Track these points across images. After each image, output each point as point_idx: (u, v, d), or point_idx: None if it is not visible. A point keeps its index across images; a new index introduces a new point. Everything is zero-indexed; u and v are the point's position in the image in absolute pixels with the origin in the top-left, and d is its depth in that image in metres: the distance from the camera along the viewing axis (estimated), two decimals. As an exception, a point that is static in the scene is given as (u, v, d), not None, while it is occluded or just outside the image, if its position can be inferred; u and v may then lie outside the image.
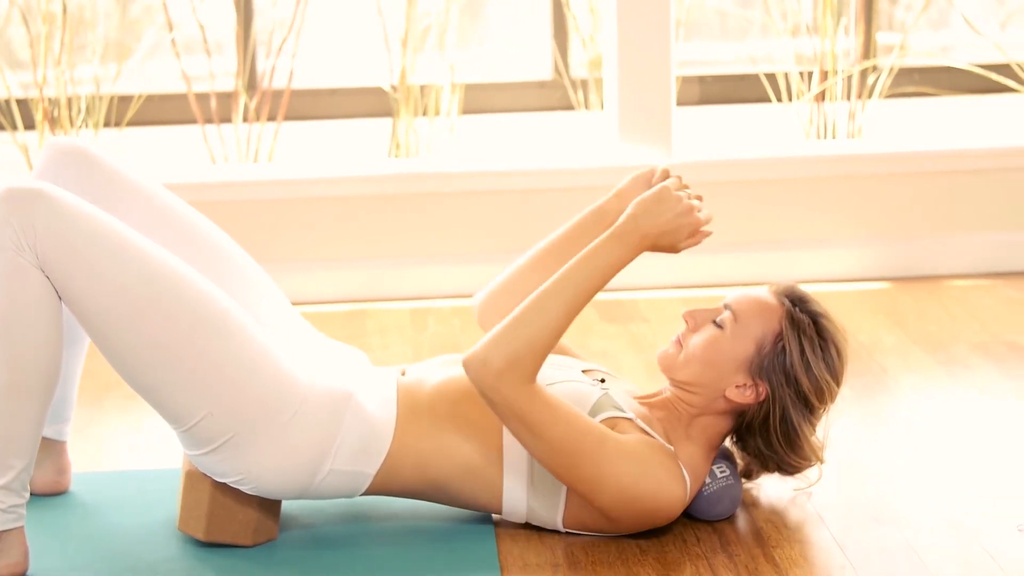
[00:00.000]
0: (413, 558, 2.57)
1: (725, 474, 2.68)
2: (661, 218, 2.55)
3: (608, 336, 3.88)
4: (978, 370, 3.52)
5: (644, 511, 2.53)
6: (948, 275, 4.41)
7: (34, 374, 2.41)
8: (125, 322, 2.41)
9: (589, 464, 2.48)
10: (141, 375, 2.45)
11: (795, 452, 2.64)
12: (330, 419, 2.51)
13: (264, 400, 2.47)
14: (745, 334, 2.60)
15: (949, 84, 4.83)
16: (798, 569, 2.51)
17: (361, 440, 2.53)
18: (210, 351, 2.44)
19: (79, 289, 2.41)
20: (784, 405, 2.59)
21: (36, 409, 2.43)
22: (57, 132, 4.48)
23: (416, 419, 2.57)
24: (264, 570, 2.54)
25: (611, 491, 2.50)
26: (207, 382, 2.44)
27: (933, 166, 4.45)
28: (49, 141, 2.73)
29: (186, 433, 2.50)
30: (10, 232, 2.38)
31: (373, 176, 4.36)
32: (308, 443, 2.50)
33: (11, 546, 2.47)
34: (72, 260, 2.39)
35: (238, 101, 4.55)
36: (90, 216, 2.42)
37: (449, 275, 4.35)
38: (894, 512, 2.72)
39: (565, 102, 4.75)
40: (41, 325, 2.41)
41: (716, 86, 4.78)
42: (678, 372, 2.64)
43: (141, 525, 2.73)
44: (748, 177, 4.41)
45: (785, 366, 2.58)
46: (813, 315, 2.60)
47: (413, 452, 2.56)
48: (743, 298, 2.64)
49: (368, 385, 2.60)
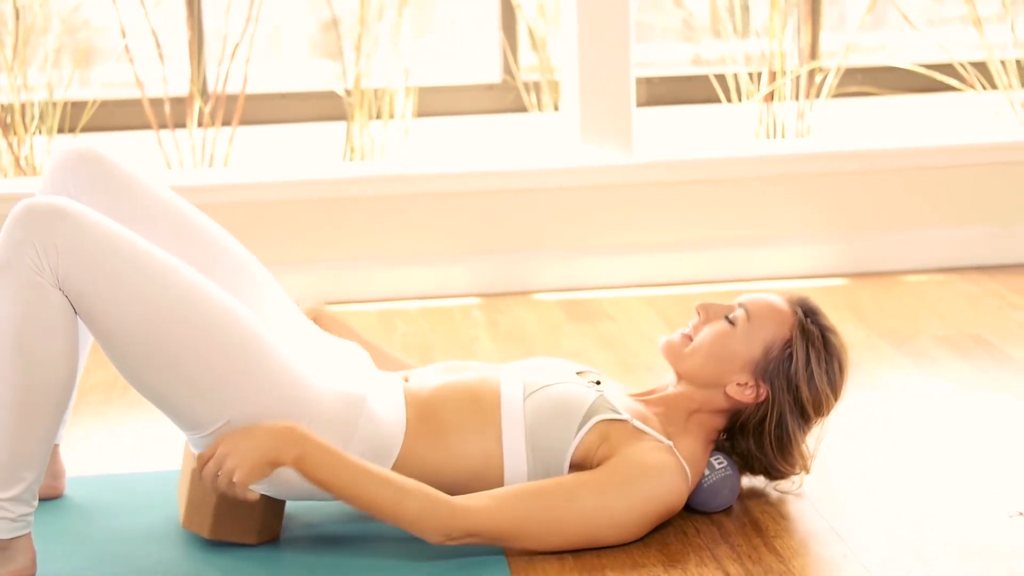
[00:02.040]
0: (418, 553, 2.58)
1: (723, 465, 2.72)
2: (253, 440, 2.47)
3: (577, 335, 3.92)
4: (946, 363, 3.59)
5: (647, 523, 2.58)
6: (902, 271, 4.49)
7: (49, 391, 2.40)
8: (145, 339, 2.40)
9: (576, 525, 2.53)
10: (159, 388, 2.45)
11: (785, 458, 2.70)
12: (344, 422, 2.52)
13: (281, 406, 2.47)
14: (755, 335, 2.65)
15: (892, 84, 4.91)
16: (801, 559, 2.55)
17: (372, 443, 2.55)
18: (229, 363, 2.44)
19: (99, 308, 2.39)
20: (782, 410, 2.65)
21: (49, 424, 2.42)
22: (11, 138, 4.44)
23: (423, 425, 2.59)
24: (268, 570, 2.54)
25: (609, 529, 2.55)
26: (227, 392, 2.44)
27: (886, 164, 4.53)
28: (60, 145, 2.71)
29: (204, 439, 2.50)
30: (31, 252, 2.35)
31: (332, 179, 4.36)
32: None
33: (20, 552, 2.47)
34: (93, 280, 2.38)
35: (192, 106, 4.54)
36: (111, 234, 2.41)
37: (411, 277, 4.37)
38: (887, 502, 2.77)
39: (514, 104, 4.77)
40: (57, 344, 2.39)
41: (663, 87, 4.83)
42: (683, 361, 2.69)
43: (141, 527, 2.73)
44: (708, 176, 4.46)
45: (789, 372, 2.64)
46: (823, 328, 2.67)
47: (420, 458, 2.58)
48: (758, 300, 2.69)
49: (378, 390, 2.62)
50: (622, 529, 2.55)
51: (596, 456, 2.58)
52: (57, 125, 4.52)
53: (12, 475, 2.41)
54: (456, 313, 4.19)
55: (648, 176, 4.44)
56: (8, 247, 2.37)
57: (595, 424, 2.59)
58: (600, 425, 2.59)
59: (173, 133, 4.54)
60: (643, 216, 4.45)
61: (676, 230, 4.47)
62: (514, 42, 4.75)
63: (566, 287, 4.41)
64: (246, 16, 4.54)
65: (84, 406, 3.38)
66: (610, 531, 2.55)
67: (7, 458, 2.40)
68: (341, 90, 4.63)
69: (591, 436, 2.58)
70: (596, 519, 2.53)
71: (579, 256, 4.42)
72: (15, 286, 2.37)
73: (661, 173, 4.43)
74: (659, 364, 3.66)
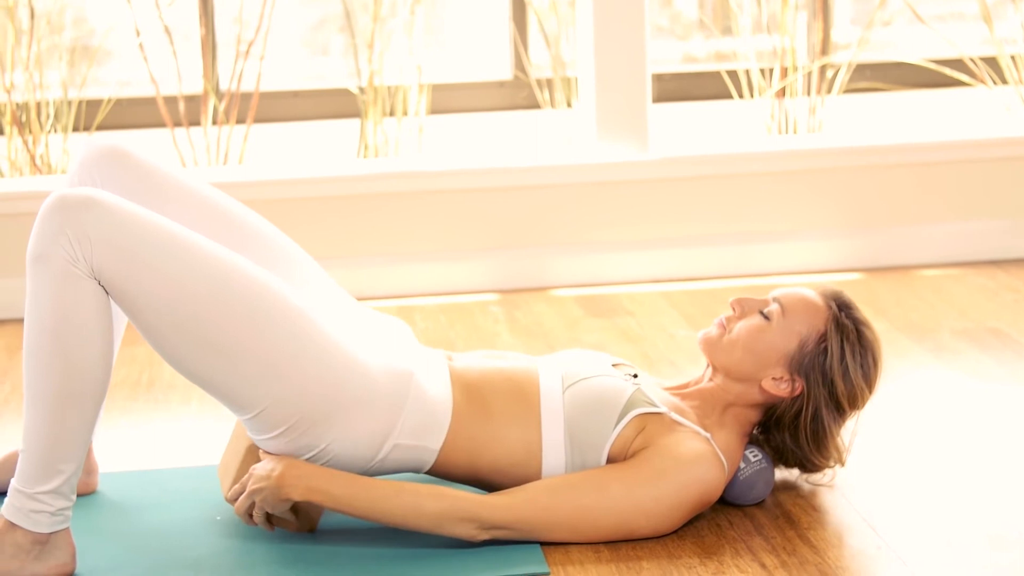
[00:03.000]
0: (456, 544, 2.59)
1: (758, 458, 2.74)
2: (272, 481, 2.52)
3: (597, 330, 3.93)
4: (967, 356, 3.60)
5: (681, 513, 2.59)
6: (917, 265, 4.51)
7: (86, 382, 2.41)
8: (186, 323, 2.41)
9: (607, 516, 2.55)
10: (205, 371, 2.46)
11: (820, 451, 2.72)
12: (394, 397, 2.54)
13: (330, 384, 2.49)
14: (790, 329, 2.67)
15: (901, 79, 4.92)
16: (835, 550, 2.57)
17: (423, 416, 2.57)
18: (273, 341, 2.45)
19: (136, 295, 2.40)
20: (817, 404, 2.67)
21: (87, 415, 2.44)
22: (26, 136, 4.45)
23: (469, 405, 2.61)
24: (305, 561, 2.55)
25: (643, 519, 2.57)
26: (273, 372, 2.46)
27: (898, 159, 4.54)
28: (85, 142, 2.72)
29: (252, 420, 2.51)
30: (64, 242, 2.37)
31: (347, 177, 4.37)
32: (374, 420, 2.53)
33: (59, 547, 2.48)
34: (128, 267, 2.38)
35: (207, 104, 4.55)
36: (143, 219, 2.41)
37: (427, 273, 4.38)
38: (917, 494, 2.79)
39: (526, 101, 4.78)
40: (94, 335, 2.40)
41: (673, 83, 4.84)
42: (720, 355, 2.70)
43: (174, 521, 2.74)
44: (725, 171, 4.48)
45: (824, 367, 2.65)
46: (857, 322, 2.69)
47: (468, 436, 2.60)
48: (792, 294, 2.71)
49: (425, 366, 2.63)
50: (656, 520, 2.57)
51: (632, 448, 2.60)
52: (72, 123, 4.52)
53: (51, 468, 2.42)
54: (474, 309, 4.20)
55: (664, 172, 4.45)
56: (42, 239, 2.38)
57: (633, 418, 2.60)
58: (637, 419, 2.60)
59: (188, 131, 4.54)
60: (659, 212, 4.46)
61: (692, 225, 4.48)
62: (525, 39, 4.76)
63: (582, 283, 4.42)
64: (259, 14, 4.55)
65: (109, 403, 3.38)
66: (643, 522, 2.56)
67: (46, 451, 2.41)
68: (355, 87, 4.64)
69: (628, 430, 2.60)
70: (628, 510, 2.54)
71: (595, 252, 4.43)
72: (50, 278, 2.38)
73: (677, 169, 4.44)
74: (680, 358, 3.67)
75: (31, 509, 2.42)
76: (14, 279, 4.24)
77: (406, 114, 4.64)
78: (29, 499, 2.42)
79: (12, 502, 2.43)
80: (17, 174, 4.47)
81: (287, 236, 2.77)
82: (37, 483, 2.42)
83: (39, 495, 2.42)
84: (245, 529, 2.67)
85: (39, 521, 2.43)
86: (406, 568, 2.52)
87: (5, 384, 3.63)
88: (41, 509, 2.43)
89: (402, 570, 2.51)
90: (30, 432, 2.41)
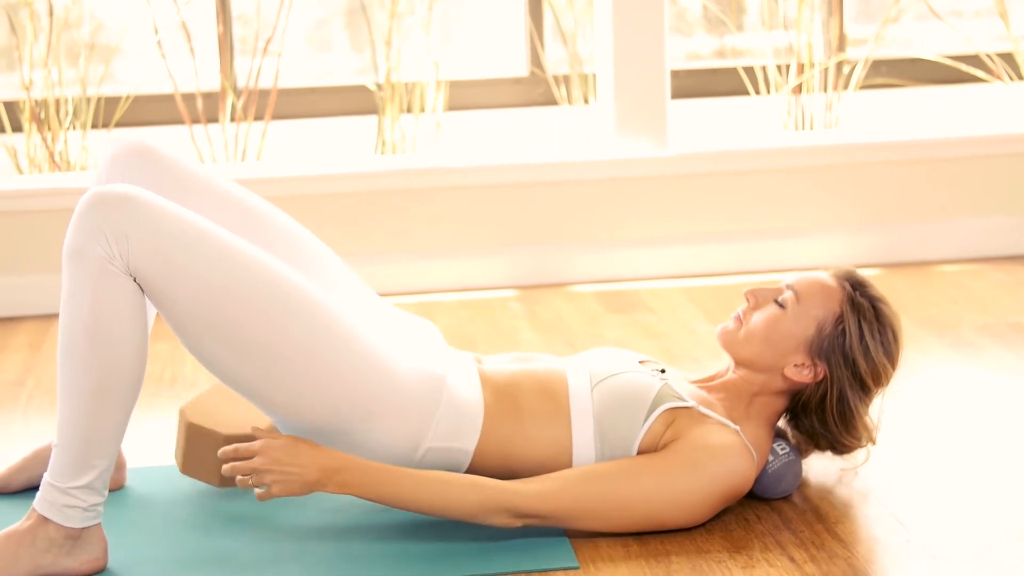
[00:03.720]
0: (488, 538, 2.60)
1: (785, 451, 2.74)
2: (294, 470, 2.49)
3: (617, 326, 3.93)
4: (989, 351, 3.61)
5: (712, 505, 2.60)
6: (935, 260, 4.51)
7: (122, 378, 2.42)
8: (220, 323, 2.42)
9: (639, 506, 2.55)
10: (237, 372, 2.46)
11: (849, 432, 2.71)
12: (427, 401, 2.55)
13: (363, 389, 2.49)
14: (806, 315, 2.66)
15: (917, 75, 4.92)
16: (864, 544, 2.57)
17: (456, 419, 2.57)
18: (307, 345, 2.45)
19: (171, 294, 2.41)
20: (841, 386, 2.66)
21: (122, 412, 2.44)
22: (45, 133, 4.45)
23: (500, 406, 2.62)
24: (336, 558, 2.55)
25: (674, 510, 2.57)
26: (306, 375, 2.46)
27: (915, 154, 4.55)
28: (111, 138, 2.72)
29: (286, 422, 2.52)
30: (101, 239, 2.37)
31: (365, 173, 4.38)
32: (407, 425, 2.53)
33: (91, 542, 2.48)
34: (165, 265, 2.39)
35: (224, 101, 4.55)
36: (180, 218, 2.41)
37: (445, 270, 4.38)
38: (944, 489, 2.79)
39: (542, 98, 4.78)
40: (129, 331, 2.41)
41: (689, 80, 4.84)
42: (739, 349, 2.70)
43: (205, 516, 2.74)
44: (744, 167, 4.48)
45: (844, 348, 2.65)
46: (872, 299, 2.68)
47: (500, 437, 2.60)
48: (805, 279, 2.70)
49: (455, 369, 2.64)
50: (687, 511, 2.57)
51: (662, 442, 2.60)
52: (91, 121, 4.53)
53: (85, 463, 2.43)
54: (494, 305, 4.21)
55: (683, 168, 4.46)
56: (79, 235, 2.39)
57: (662, 412, 2.61)
58: (666, 413, 2.61)
59: (206, 128, 4.55)
60: (677, 208, 4.47)
61: (711, 221, 4.49)
62: (542, 35, 4.76)
63: (601, 279, 4.42)
64: (277, 11, 4.55)
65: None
66: (674, 512, 2.56)
67: (80, 445, 2.42)
68: (372, 84, 4.65)
69: (657, 424, 2.60)
70: (659, 500, 2.55)
71: (614, 248, 4.44)
72: (87, 275, 2.38)
73: (696, 165, 4.45)
74: (702, 353, 3.68)
75: (64, 504, 2.43)
76: (36, 276, 4.25)
77: (423, 110, 4.65)
78: (62, 494, 2.43)
79: (45, 496, 2.44)
80: (36, 171, 4.48)
81: (310, 232, 2.77)
82: (70, 478, 2.43)
83: (72, 490, 2.43)
84: (275, 524, 2.68)
85: (71, 516, 2.44)
86: (435, 564, 2.52)
87: (29, 380, 3.64)
88: (74, 504, 2.43)
89: (431, 566, 2.52)
90: (64, 427, 2.42)
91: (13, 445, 3.16)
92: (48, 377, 3.64)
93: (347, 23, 4.90)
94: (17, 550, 2.44)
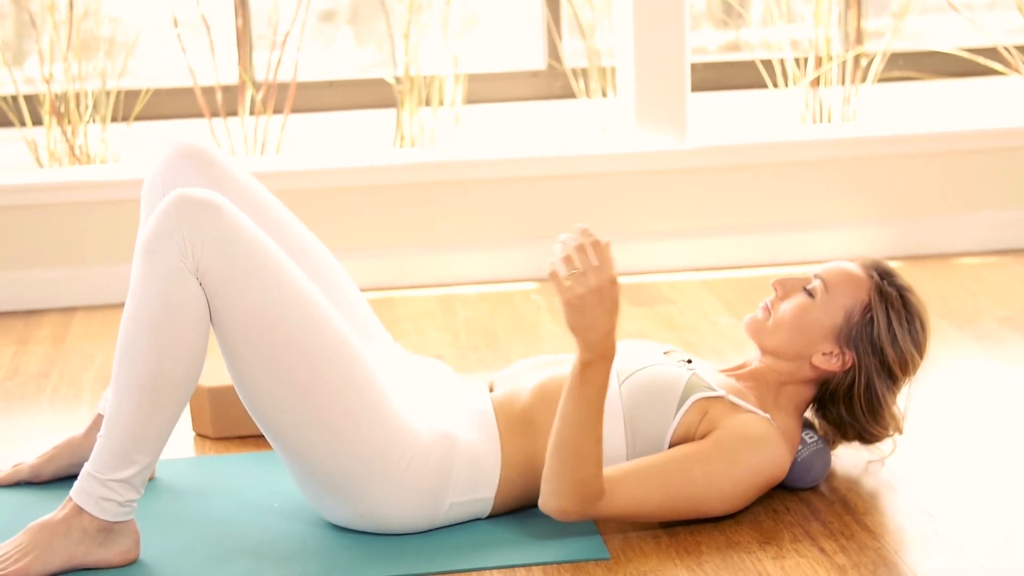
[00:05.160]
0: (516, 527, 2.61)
1: (814, 439, 2.75)
2: (597, 319, 2.42)
3: (638, 318, 3.94)
4: (1012, 344, 3.61)
5: (751, 494, 2.61)
6: (955, 253, 4.52)
7: (177, 378, 2.43)
8: (265, 350, 2.44)
9: (688, 501, 2.56)
10: (269, 405, 2.48)
11: (877, 421, 2.72)
12: (441, 458, 2.55)
13: (381, 444, 2.50)
14: (835, 303, 2.67)
15: (934, 68, 4.93)
16: (892, 536, 2.58)
17: (473, 470, 2.58)
18: (339, 392, 2.47)
19: (228, 307, 2.43)
20: (869, 374, 2.67)
21: (172, 410, 2.45)
22: (65, 127, 4.46)
23: (517, 434, 2.62)
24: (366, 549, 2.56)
25: (717, 502, 2.58)
26: (332, 421, 2.47)
27: (933, 147, 4.55)
28: (169, 140, 2.74)
29: (302, 469, 2.54)
30: (179, 238, 2.40)
31: (384, 166, 4.39)
32: (424, 484, 2.54)
33: (124, 534, 2.50)
34: (230, 279, 2.42)
35: (244, 94, 4.56)
36: (255, 239, 2.45)
37: (465, 262, 4.39)
38: (971, 481, 2.80)
39: (560, 91, 4.79)
40: (190, 331, 2.43)
41: (707, 73, 4.85)
42: (767, 338, 2.71)
43: (236, 509, 2.75)
44: (764, 160, 4.49)
45: (872, 336, 2.66)
46: (900, 289, 2.69)
47: (521, 466, 2.61)
48: (834, 269, 2.71)
49: (466, 411, 2.64)
50: (728, 501, 2.59)
51: (697, 433, 2.61)
52: (111, 114, 4.53)
53: (127, 457, 2.44)
54: (516, 298, 4.21)
55: (703, 161, 4.46)
56: (158, 232, 2.42)
57: (693, 403, 2.61)
58: (698, 404, 2.61)
59: (225, 121, 4.56)
60: (697, 201, 4.48)
61: (730, 214, 4.49)
62: (560, 28, 4.76)
63: (622, 271, 4.41)
64: (296, 4, 4.56)
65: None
66: (717, 503, 2.58)
67: (126, 439, 2.43)
68: (391, 77, 4.65)
69: (690, 415, 2.61)
70: (705, 492, 2.56)
71: (634, 240, 4.44)
72: (158, 271, 2.41)
73: (715, 158, 4.46)
74: (724, 345, 3.68)
75: (101, 496, 2.44)
76: (58, 269, 4.26)
77: (442, 104, 4.66)
78: (101, 485, 2.44)
79: (83, 487, 2.45)
80: (56, 164, 4.48)
81: (335, 259, 2.82)
82: (112, 470, 2.44)
83: (111, 482, 2.44)
84: (304, 516, 2.68)
85: (107, 509, 2.45)
86: (465, 556, 2.53)
87: (54, 372, 3.65)
88: (111, 497, 2.44)
89: (461, 557, 2.53)
90: (113, 418, 2.43)
91: (38, 437, 3.17)
92: (71, 369, 3.65)
93: (365, 16, 4.91)
94: (52, 540, 2.45)
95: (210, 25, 4.53)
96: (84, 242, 4.29)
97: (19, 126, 4.50)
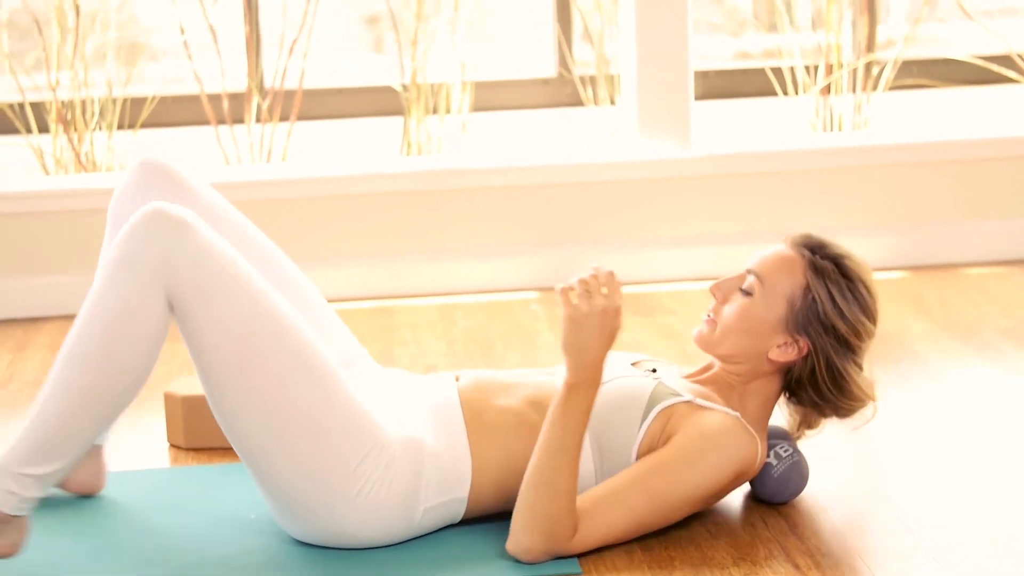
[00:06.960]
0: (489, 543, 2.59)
1: (788, 452, 2.72)
2: (593, 341, 2.47)
3: (637, 328, 3.92)
4: (1013, 355, 3.57)
5: (721, 491, 2.60)
6: (963, 263, 4.47)
7: (117, 389, 2.44)
8: (235, 365, 2.44)
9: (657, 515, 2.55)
10: (242, 421, 2.47)
11: (846, 396, 2.67)
12: (410, 465, 2.54)
13: (353, 461, 2.49)
14: (774, 295, 2.64)
15: (947, 76, 4.89)
16: (870, 551, 2.55)
17: (443, 473, 2.57)
18: (310, 412, 2.46)
19: (199, 324, 2.43)
20: (827, 354, 2.63)
21: (100, 421, 2.46)
22: (71, 134, 4.47)
23: (486, 434, 2.60)
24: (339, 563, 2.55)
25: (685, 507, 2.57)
26: (303, 437, 2.47)
27: (944, 156, 4.51)
28: (137, 158, 2.74)
29: (271, 491, 2.53)
30: (149, 257, 2.40)
31: (390, 174, 4.38)
32: (396, 495, 2.53)
33: (16, 528, 2.49)
34: (200, 299, 2.42)
35: (250, 102, 4.56)
36: (226, 256, 2.45)
37: (469, 271, 4.38)
38: (955, 494, 2.77)
39: (570, 99, 4.78)
40: (143, 348, 2.43)
41: (717, 80, 4.82)
42: (718, 347, 2.69)
43: (197, 520, 2.74)
44: (767, 169, 4.46)
45: (819, 316, 2.62)
46: (835, 259, 2.64)
47: (492, 468, 2.60)
48: (764, 259, 2.68)
49: (431, 405, 2.63)
50: (699, 503, 2.57)
51: (660, 440, 2.59)
52: (117, 121, 4.54)
53: (47, 455, 2.44)
54: (515, 307, 4.20)
55: (706, 169, 4.44)
56: (128, 246, 2.42)
57: (658, 413, 2.59)
58: (662, 412, 2.59)
59: (231, 129, 4.56)
60: (701, 209, 4.45)
61: (734, 223, 4.46)
62: (569, 36, 4.75)
63: (624, 280, 4.39)
64: (303, 12, 4.56)
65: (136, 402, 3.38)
66: (687, 508, 2.57)
67: (52, 437, 2.44)
68: (398, 85, 4.65)
69: (655, 425, 2.59)
70: (672, 501, 2.54)
71: (637, 249, 4.42)
72: (125, 282, 2.41)
73: (719, 166, 4.43)
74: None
75: (7, 488, 2.44)
76: (60, 276, 4.27)
77: (449, 111, 4.65)
78: (10, 477, 2.44)
79: None
80: (62, 172, 4.50)
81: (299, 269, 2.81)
82: (27, 464, 2.43)
83: (22, 476, 2.43)
84: (279, 528, 2.67)
85: (8, 502, 2.45)
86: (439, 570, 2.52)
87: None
88: (16, 491, 2.44)
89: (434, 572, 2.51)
90: (42, 415, 2.43)
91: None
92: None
93: (373, 24, 4.91)
94: None
95: (218, 33, 4.53)
96: (90, 249, 4.28)
97: (25, 133, 4.51)
